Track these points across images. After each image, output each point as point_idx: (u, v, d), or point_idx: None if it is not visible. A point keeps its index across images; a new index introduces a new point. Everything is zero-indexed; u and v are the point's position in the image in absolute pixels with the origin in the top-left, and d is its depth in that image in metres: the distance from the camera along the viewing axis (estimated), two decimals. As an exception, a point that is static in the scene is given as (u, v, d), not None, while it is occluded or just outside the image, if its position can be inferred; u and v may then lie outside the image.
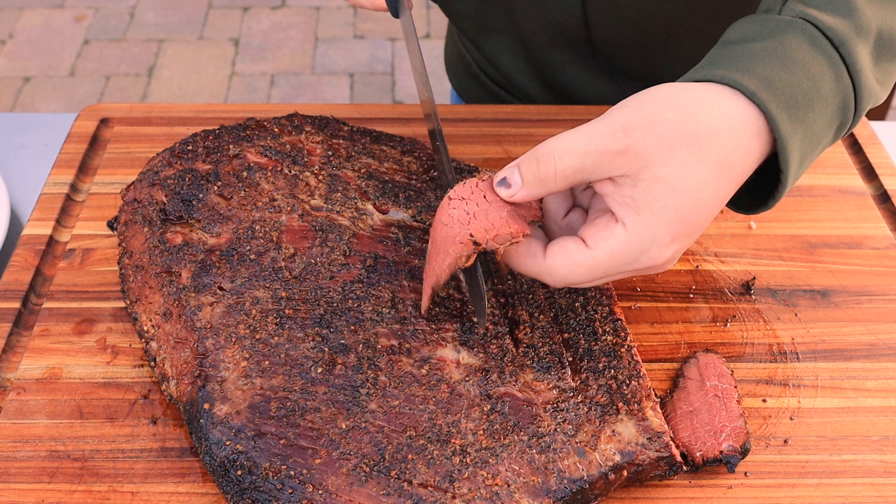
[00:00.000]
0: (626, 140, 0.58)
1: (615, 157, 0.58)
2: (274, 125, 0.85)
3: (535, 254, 0.63)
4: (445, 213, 0.63)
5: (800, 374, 0.75)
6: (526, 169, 0.61)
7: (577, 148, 0.59)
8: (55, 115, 1.04)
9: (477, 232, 0.62)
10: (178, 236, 0.75)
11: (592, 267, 0.61)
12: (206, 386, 0.65)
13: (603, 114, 0.60)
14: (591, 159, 0.59)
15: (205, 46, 2.95)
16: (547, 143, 0.60)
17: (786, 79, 0.61)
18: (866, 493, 0.67)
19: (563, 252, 0.61)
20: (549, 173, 0.60)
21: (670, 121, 0.59)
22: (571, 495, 0.62)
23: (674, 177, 0.58)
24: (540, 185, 0.60)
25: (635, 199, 0.59)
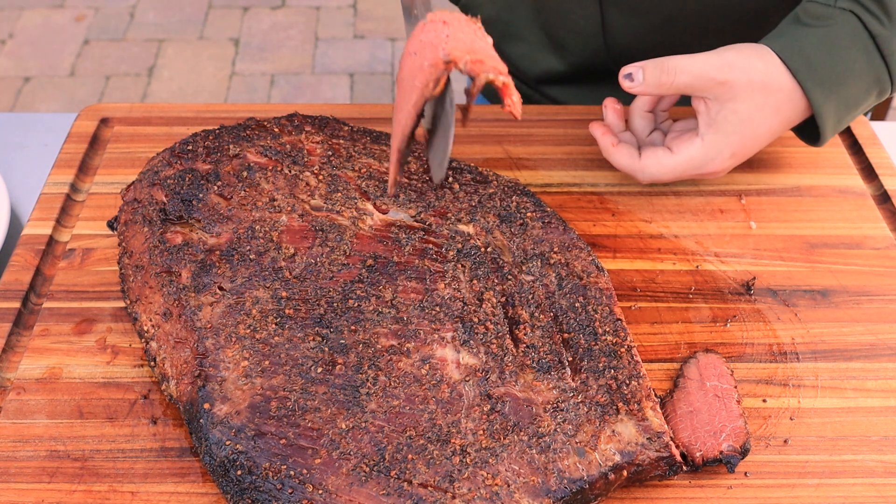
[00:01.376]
0: (729, 74, 0.80)
1: (716, 85, 0.80)
2: (274, 125, 0.85)
3: (633, 154, 0.85)
4: (416, 41, 0.53)
5: (800, 374, 0.75)
6: (650, 73, 0.80)
7: (695, 70, 0.80)
8: (55, 115, 1.04)
9: (455, 51, 0.52)
10: (178, 236, 0.75)
11: (673, 168, 0.83)
12: (206, 386, 0.65)
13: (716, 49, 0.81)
14: (701, 82, 0.80)
15: (205, 46, 2.95)
16: (672, 59, 0.80)
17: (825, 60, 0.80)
18: (866, 493, 0.67)
19: (655, 155, 0.84)
20: (667, 82, 0.80)
21: (759, 69, 0.80)
22: (571, 495, 0.62)
23: (746, 111, 0.81)
24: (656, 88, 0.80)
25: (717, 120, 0.81)
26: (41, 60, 2.87)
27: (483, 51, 0.52)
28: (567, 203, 0.89)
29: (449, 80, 0.53)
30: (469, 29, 0.54)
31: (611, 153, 0.85)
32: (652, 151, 0.84)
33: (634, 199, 0.90)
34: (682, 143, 0.83)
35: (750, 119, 0.81)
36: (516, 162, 0.94)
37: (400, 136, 0.57)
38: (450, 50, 0.51)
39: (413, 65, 0.52)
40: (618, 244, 0.85)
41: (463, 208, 0.80)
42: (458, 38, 0.52)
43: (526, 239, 0.78)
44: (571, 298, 0.73)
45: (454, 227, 0.78)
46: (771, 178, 0.93)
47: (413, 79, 0.52)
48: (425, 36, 0.52)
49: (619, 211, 0.89)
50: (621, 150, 0.85)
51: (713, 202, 0.90)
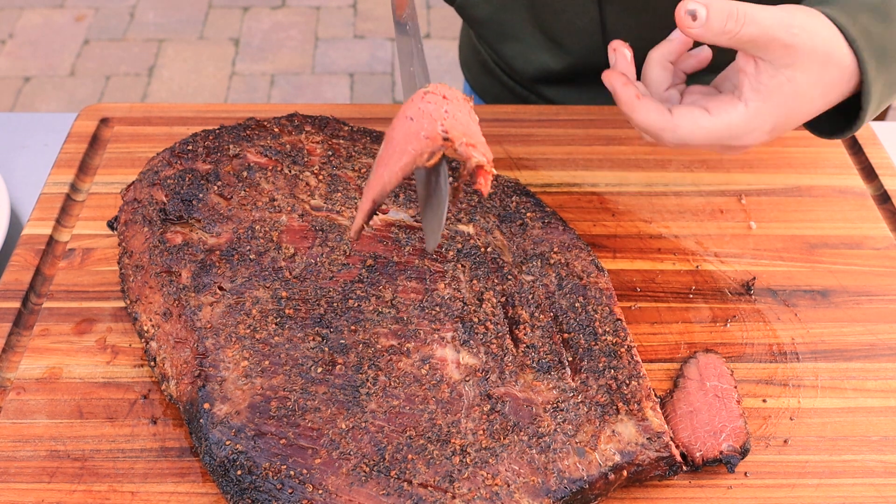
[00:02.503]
0: (797, 37, 0.69)
1: (781, 47, 0.69)
2: (274, 125, 0.85)
3: (663, 110, 0.72)
4: (414, 107, 0.55)
5: (800, 374, 0.75)
6: (717, 15, 0.67)
7: (765, 24, 0.68)
8: (55, 115, 1.04)
9: (453, 130, 0.54)
10: (178, 236, 0.75)
11: (710, 132, 0.71)
12: (206, 386, 0.65)
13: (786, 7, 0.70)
14: (766, 39, 0.68)
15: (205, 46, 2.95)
16: (745, 6, 0.68)
17: (882, 32, 0.72)
18: (866, 494, 0.67)
19: (690, 114, 0.72)
20: (732, 30, 0.68)
21: (824, 38, 0.70)
22: (571, 495, 0.62)
23: (803, 84, 0.70)
24: (719, 34, 0.68)
25: (769, 87, 0.70)
26: (41, 60, 2.87)
27: (476, 134, 0.54)
28: (567, 203, 0.89)
29: (443, 155, 0.54)
30: (465, 109, 0.56)
31: (634, 107, 0.73)
32: (688, 109, 0.72)
33: (634, 199, 0.90)
34: (722, 105, 0.72)
35: (803, 93, 0.71)
36: (516, 162, 0.94)
37: (380, 190, 0.58)
38: (448, 128, 0.53)
39: (408, 129, 0.54)
40: (618, 244, 0.85)
41: (463, 208, 0.80)
42: (456, 116, 0.54)
43: (526, 239, 0.78)
44: (571, 298, 0.73)
45: (454, 227, 0.78)
46: (771, 178, 0.93)
47: (406, 142, 0.54)
48: (424, 106, 0.54)
49: (619, 211, 0.89)
50: (648, 103, 0.73)
51: (713, 202, 0.90)
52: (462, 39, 1.26)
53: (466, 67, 1.24)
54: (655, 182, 0.92)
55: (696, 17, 0.68)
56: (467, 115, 0.56)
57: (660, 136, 0.73)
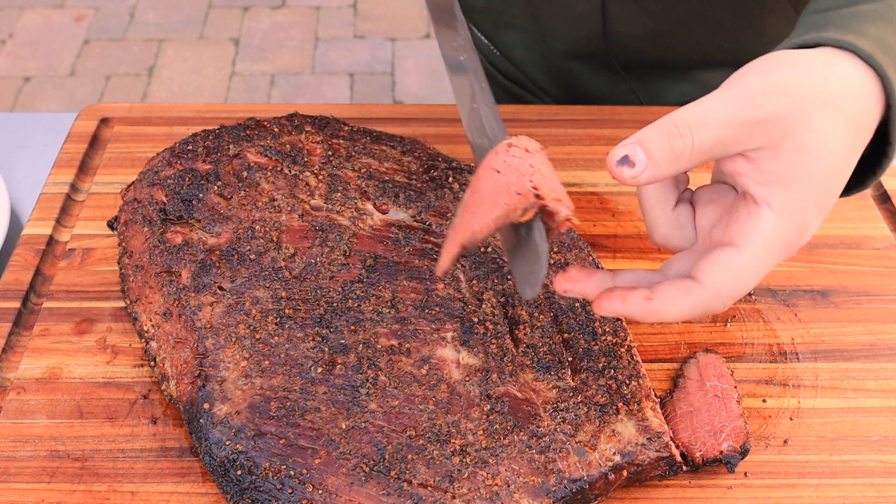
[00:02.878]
0: (765, 107, 0.53)
1: (755, 127, 0.53)
2: (274, 125, 0.85)
3: (690, 288, 0.55)
4: (500, 160, 0.55)
5: (800, 374, 0.75)
6: (654, 144, 0.52)
7: (717, 118, 0.53)
8: (55, 115, 1.04)
9: (542, 185, 0.54)
10: (178, 236, 0.75)
11: (755, 266, 0.55)
12: (206, 386, 0.65)
13: (726, 81, 0.55)
14: (731, 131, 0.53)
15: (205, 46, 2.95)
16: (679, 113, 0.53)
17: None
18: (866, 494, 0.67)
19: (717, 265, 0.55)
20: (685, 148, 0.52)
21: (804, 83, 0.54)
22: (571, 495, 0.62)
23: (818, 144, 0.54)
24: (671, 162, 0.53)
25: (779, 173, 0.54)
26: (41, 60, 2.87)
27: (558, 186, 0.56)
28: (567, 203, 0.89)
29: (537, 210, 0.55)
30: (546, 160, 0.57)
31: (658, 312, 0.56)
32: (711, 261, 0.55)
33: (634, 199, 0.90)
34: (745, 224, 0.55)
35: (827, 152, 0.54)
36: (516, 162, 0.94)
37: (469, 238, 0.56)
38: (538, 184, 0.54)
39: (497, 182, 0.55)
40: (618, 244, 0.85)
41: (463, 208, 0.80)
42: (541, 171, 0.55)
43: (526, 239, 0.78)
44: (571, 298, 0.73)
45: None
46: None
47: (497, 195, 0.55)
48: (510, 160, 0.55)
49: (619, 211, 0.89)
50: (666, 292, 0.56)
51: (713, 202, 0.90)
52: None
53: None
54: (655, 182, 0.92)
55: (634, 161, 0.53)
56: (549, 166, 0.58)
57: (709, 311, 0.56)
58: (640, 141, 0.53)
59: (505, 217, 0.55)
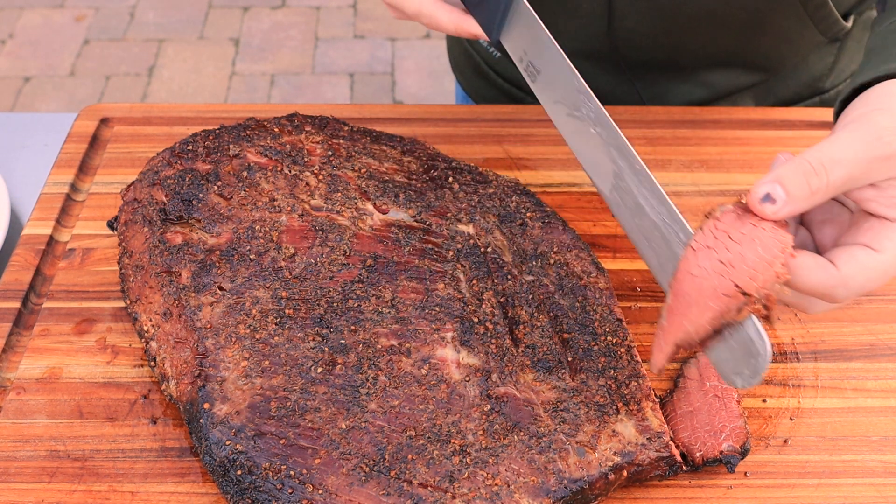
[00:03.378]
0: (893, 144, 0.58)
1: (883, 163, 0.58)
2: (274, 125, 0.85)
3: (827, 266, 0.60)
4: (693, 265, 0.57)
5: (800, 374, 0.75)
6: (793, 182, 0.58)
7: (848, 157, 0.58)
8: (55, 115, 1.04)
9: (741, 281, 0.56)
10: (178, 236, 0.75)
11: (885, 270, 0.60)
12: (206, 386, 0.65)
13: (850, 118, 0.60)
14: (861, 168, 0.58)
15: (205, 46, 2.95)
16: (814, 153, 0.58)
17: None
18: (866, 494, 0.67)
19: (855, 259, 0.59)
20: (820, 186, 0.57)
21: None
22: (571, 495, 0.62)
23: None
24: (808, 197, 0.58)
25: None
26: (41, 60, 2.87)
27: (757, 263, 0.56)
28: (567, 203, 0.89)
29: None
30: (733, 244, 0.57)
31: (793, 268, 0.59)
32: (849, 254, 0.60)
33: (634, 199, 0.90)
34: (880, 233, 0.60)
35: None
36: (516, 162, 0.94)
37: (685, 339, 0.59)
38: (740, 283, 0.56)
39: (699, 285, 0.57)
40: (618, 244, 0.85)
41: (462, 208, 0.80)
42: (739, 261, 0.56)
43: (526, 239, 0.78)
44: (571, 298, 0.73)
45: (454, 226, 0.78)
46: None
47: (703, 298, 0.56)
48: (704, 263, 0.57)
49: (619, 211, 0.89)
50: (805, 260, 0.60)
51: (713, 202, 0.90)
52: (451, 42, 1.25)
53: (459, 71, 1.23)
54: (655, 182, 0.92)
55: (775, 198, 0.58)
56: (738, 246, 0.57)
57: (830, 294, 0.60)
58: (778, 179, 0.58)
59: (720, 318, 0.57)
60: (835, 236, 0.64)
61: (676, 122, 0.99)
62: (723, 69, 1.03)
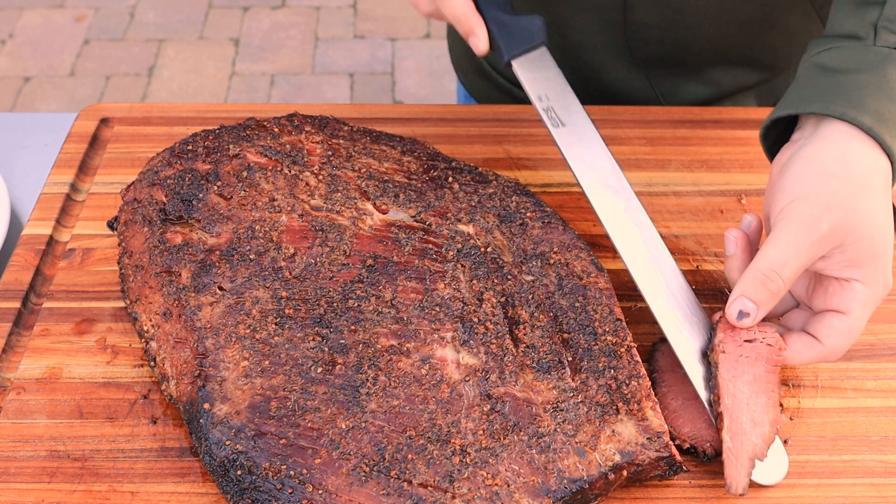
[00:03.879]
0: (822, 227, 0.66)
1: (819, 244, 0.66)
2: (274, 125, 0.85)
3: (813, 343, 0.70)
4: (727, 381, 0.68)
5: (800, 374, 0.75)
6: (755, 293, 0.68)
7: (790, 254, 0.67)
8: (55, 115, 1.04)
9: None
10: (178, 236, 0.75)
11: (859, 325, 0.69)
12: (206, 386, 0.65)
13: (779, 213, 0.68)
14: (805, 256, 0.67)
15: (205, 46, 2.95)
16: (763, 262, 0.67)
17: (894, 111, 0.69)
18: (866, 494, 0.67)
19: (832, 329, 0.69)
20: (779, 286, 0.67)
21: (840, 189, 0.67)
22: (571, 495, 0.62)
23: (870, 224, 0.67)
24: (772, 299, 0.68)
25: (852, 259, 0.67)
26: (41, 60, 2.87)
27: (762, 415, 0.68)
28: (567, 203, 0.89)
29: None
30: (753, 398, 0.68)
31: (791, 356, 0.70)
32: (826, 325, 0.69)
33: (634, 199, 0.90)
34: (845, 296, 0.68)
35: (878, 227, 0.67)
36: (516, 162, 0.94)
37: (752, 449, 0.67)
38: None
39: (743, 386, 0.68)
40: (618, 244, 0.85)
41: (463, 208, 0.80)
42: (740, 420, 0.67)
43: (526, 239, 0.78)
44: (571, 298, 0.73)
45: (454, 227, 0.78)
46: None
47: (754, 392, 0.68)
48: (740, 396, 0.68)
49: (619, 211, 0.89)
50: (795, 345, 0.70)
51: (713, 202, 0.90)
52: (452, 41, 1.24)
53: (461, 71, 1.22)
54: (655, 182, 0.92)
55: (748, 312, 0.68)
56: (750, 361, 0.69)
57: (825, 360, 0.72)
58: (744, 294, 0.68)
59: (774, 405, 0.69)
60: (806, 284, 0.72)
61: (676, 122, 0.99)
62: (728, 67, 1.03)
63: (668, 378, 0.71)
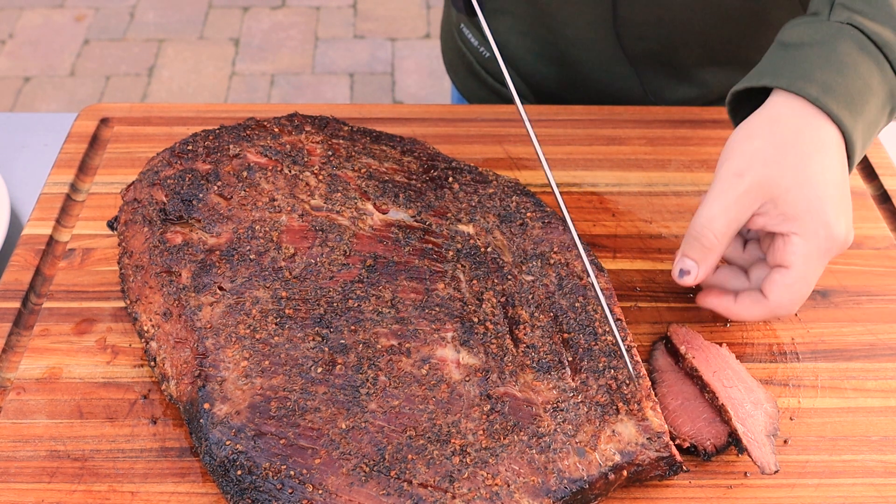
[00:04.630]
0: (743, 182, 0.69)
1: (745, 198, 0.69)
2: (274, 125, 0.85)
3: (759, 299, 0.72)
4: None
5: (800, 374, 0.75)
6: (691, 250, 0.71)
7: (717, 210, 0.69)
8: (55, 115, 1.04)
9: None
10: (178, 236, 0.75)
11: (802, 278, 0.70)
12: (206, 386, 0.65)
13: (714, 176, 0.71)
14: (733, 212, 0.69)
15: (205, 46, 2.95)
16: (694, 222, 0.70)
17: (841, 82, 0.71)
18: (866, 494, 0.67)
19: (775, 284, 0.70)
20: (712, 241, 0.70)
21: (760, 147, 0.70)
22: (571, 495, 0.62)
23: (798, 180, 0.69)
24: (709, 254, 0.70)
25: (786, 212, 0.69)
26: (41, 60, 2.87)
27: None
28: (567, 203, 0.89)
29: None
30: None
31: (739, 312, 0.73)
32: (770, 280, 0.71)
33: (634, 199, 0.90)
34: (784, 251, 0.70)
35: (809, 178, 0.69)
36: (516, 162, 0.94)
37: None
38: None
39: None
40: (618, 244, 0.85)
41: (463, 208, 0.80)
42: None
43: (526, 239, 0.78)
44: (571, 298, 0.73)
45: (454, 227, 0.78)
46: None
47: None
48: None
49: (619, 211, 0.89)
50: (744, 301, 0.73)
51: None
52: (445, 41, 1.24)
53: (453, 71, 1.22)
54: (655, 182, 0.92)
55: (688, 269, 0.71)
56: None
57: (778, 316, 0.73)
58: (683, 253, 0.71)
59: None
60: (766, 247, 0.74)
61: (676, 122, 0.99)
62: (717, 67, 1.03)
63: (668, 378, 0.72)
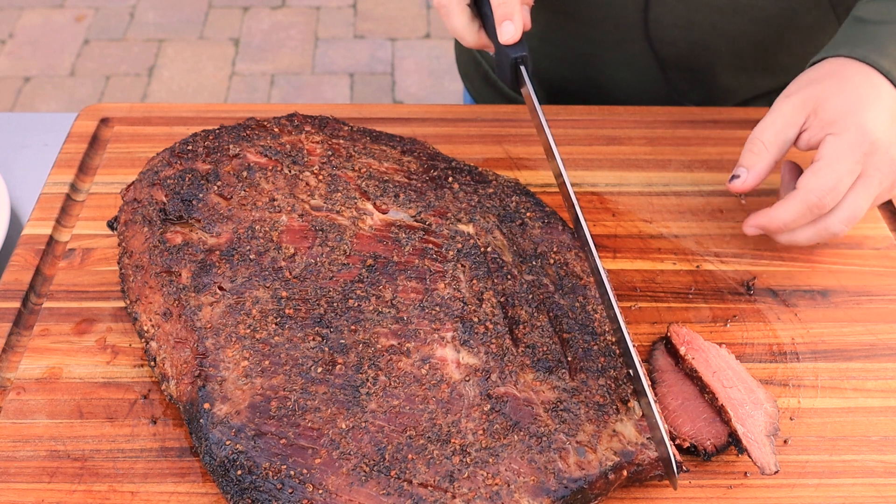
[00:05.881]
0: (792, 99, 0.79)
1: (792, 111, 0.78)
2: (274, 125, 0.85)
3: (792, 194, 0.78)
4: None
5: (800, 374, 0.75)
6: (743, 158, 0.80)
7: (767, 123, 0.79)
8: (55, 115, 1.04)
9: None
10: (178, 236, 0.75)
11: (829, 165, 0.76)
12: (206, 386, 0.65)
13: None
14: (780, 122, 0.79)
15: (205, 46, 2.95)
16: (750, 136, 0.80)
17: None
18: (866, 493, 0.67)
19: (805, 175, 0.77)
20: (761, 149, 0.79)
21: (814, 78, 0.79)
22: (571, 495, 0.62)
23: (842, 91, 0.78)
24: (759, 160, 0.79)
25: (824, 119, 0.77)
26: (41, 60, 2.87)
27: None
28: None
29: None
30: None
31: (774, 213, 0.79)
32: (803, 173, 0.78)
33: (634, 199, 0.90)
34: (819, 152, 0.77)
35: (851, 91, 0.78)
36: (516, 162, 0.94)
37: None
38: None
39: None
40: (618, 244, 0.85)
41: (463, 208, 0.80)
42: None
43: (526, 239, 0.78)
44: (571, 298, 0.73)
45: (454, 226, 0.78)
46: (771, 178, 0.92)
47: None
48: None
49: (619, 211, 0.89)
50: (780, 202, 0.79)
51: (713, 202, 0.90)
52: (459, 51, 1.24)
53: (467, 78, 1.22)
54: (655, 182, 0.92)
55: (739, 174, 0.80)
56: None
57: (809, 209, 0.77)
58: (738, 164, 0.80)
59: None
60: None
61: (676, 122, 0.99)
62: (745, 71, 1.03)
63: (668, 378, 0.71)
